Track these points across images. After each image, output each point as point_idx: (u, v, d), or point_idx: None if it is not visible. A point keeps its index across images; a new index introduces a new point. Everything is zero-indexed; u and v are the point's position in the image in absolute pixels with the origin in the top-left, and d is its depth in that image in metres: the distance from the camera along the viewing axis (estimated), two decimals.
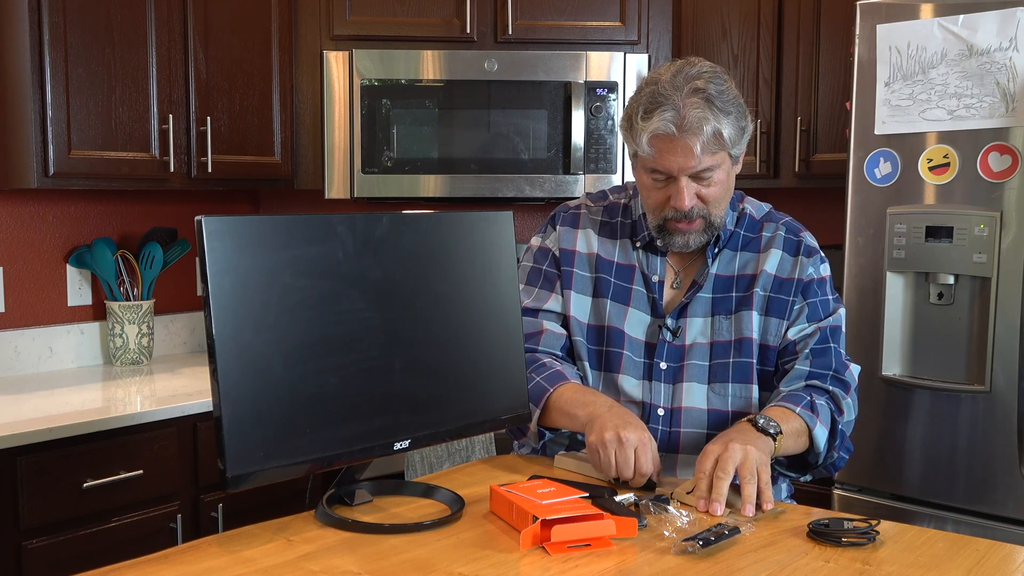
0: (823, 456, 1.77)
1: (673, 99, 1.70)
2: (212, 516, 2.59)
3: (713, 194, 1.77)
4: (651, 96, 1.73)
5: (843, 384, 1.83)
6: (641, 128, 1.72)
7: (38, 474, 2.26)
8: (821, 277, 1.87)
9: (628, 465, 1.63)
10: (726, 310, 1.84)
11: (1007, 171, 2.31)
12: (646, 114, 1.72)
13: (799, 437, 1.73)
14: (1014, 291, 2.31)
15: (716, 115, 1.70)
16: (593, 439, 1.67)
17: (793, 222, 1.92)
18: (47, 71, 2.58)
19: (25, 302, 2.96)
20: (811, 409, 1.74)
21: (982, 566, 1.38)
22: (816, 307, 1.85)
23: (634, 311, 1.87)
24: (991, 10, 2.30)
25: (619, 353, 1.85)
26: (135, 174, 2.79)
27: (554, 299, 1.91)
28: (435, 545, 1.42)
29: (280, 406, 1.40)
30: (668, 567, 1.35)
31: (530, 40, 3.20)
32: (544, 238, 1.98)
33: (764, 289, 1.84)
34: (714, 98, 1.70)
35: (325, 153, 3.15)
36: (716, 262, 1.86)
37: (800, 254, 1.86)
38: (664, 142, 1.72)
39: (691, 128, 1.69)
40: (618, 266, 1.90)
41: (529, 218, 3.66)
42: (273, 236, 1.41)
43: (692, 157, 1.71)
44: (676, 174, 1.74)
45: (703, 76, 1.72)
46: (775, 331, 1.83)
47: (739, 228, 1.89)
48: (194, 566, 1.34)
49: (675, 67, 1.75)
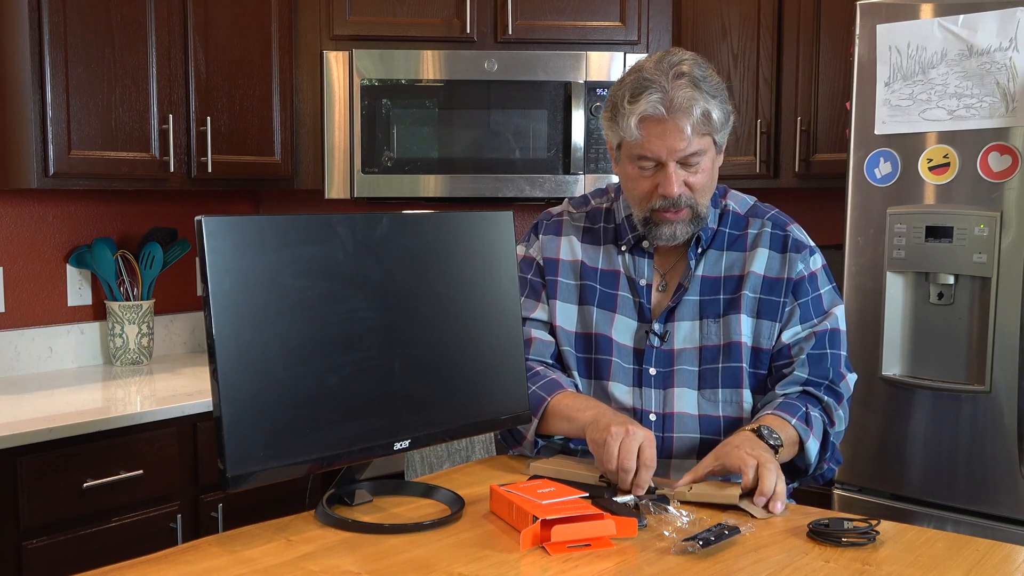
0: (813, 467, 1.77)
1: (660, 82, 1.69)
2: (212, 516, 2.59)
3: (700, 182, 1.76)
4: (636, 82, 1.72)
5: (836, 395, 1.81)
6: (628, 112, 1.71)
7: (38, 474, 2.26)
8: (812, 272, 1.83)
9: (631, 456, 1.59)
10: (714, 313, 1.81)
11: (1007, 171, 2.31)
12: (633, 98, 1.71)
13: (792, 447, 1.72)
14: (1014, 291, 2.31)
15: (704, 96, 1.70)
16: (599, 433, 1.64)
17: (779, 215, 1.88)
18: (47, 71, 2.58)
19: (25, 302, 2.96)
20: (806, 421, 1.74)
21: (982, 566, 1.38)
22: (808, 307, 1.82)
23: (621, 317, 1.84)
24: (991, 10, 2.30)
25: (608, 360, 1.83)
26: (135, 174, 2.79)
27: (540, 308, 1.90)
28: (435, 545, 1.42)
29: (280, 406, 1.40)
30: (668, 567, 1.35)
31: (530, 40, 3.20)
32: (528, 247, 1.95)
33: (754, 291, 1.81)
34: (699, 81, 1.70)
35: (325, 153, 3.15)
36: (701, 263, 1.84)
37: (788, 250, 1.82)
38: (653, 125, 1.70)
39: (680, 108, 1.68)
40: (603, 272, 1.88)
41: (529, 218, 3.66)
42: (273, 236, 1.41)
43: (682, 139, 1.70)
44: (665, 159, 1.72)
45: (685, 62, 1.72)
46: (768, 334, 1.80)
47: (723, 226, 1.86)
48: (194, 566, 1.34)
49: (656, 56, 1.75)
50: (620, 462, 1.59)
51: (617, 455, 1.59)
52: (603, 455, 1.62)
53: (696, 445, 1.79)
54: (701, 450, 1.78)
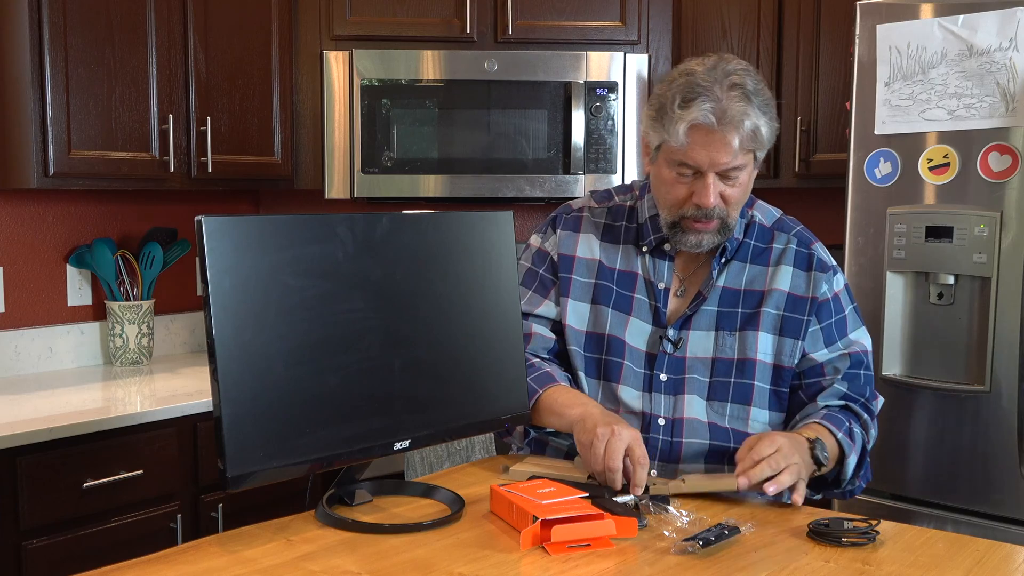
0: (847, 482, 1.75)
1: (713, 91, 1.64)
2: (212, 516, 2.59)
3: (735, 195, 1.72)
4: (687, 86, 1.66)
5: (870, 413, 1.81)
6: (678, 117, 1.65)
7: (38, 474, 2.26)
8: (835, 294, 1.82)
9: (615, 456, 1.58)
10: (731, 326, 1.79)
11: (1007, 171, 2.31)
12: (684, 103, 1.65)
13: (833, 463, 1.71)
14: (1014, 291, 2.31)
15: (756, 112, 1.65)
16: (585, 435, 1.64)
17: (805, 232, 1.86)
18: (47, 71, 2.58)
19: (25, 302, 2.96)
20: (849, 435, 1.72)
21: (982, 566, 1.38)
22: (831, 328, 1.80)
23: (635, 320, 1.82)
24: (991, 10, 2.30)
25: (619, 363, 1.81)
26: (135, 174, 2.79)
27: (546, 305, 1.88)
28: (435, 545, 1.42)
29: (280, 406, 1.40)
30: (668, 567, 1.35)
31: (530, 40, 3.20)
32: (544, 239, 1.93)
33: (777, 308, 1.79)
34: (752, 94, 1.66)
35: (325, 153, 3.15)
36: (723, 274, 1.81)
37: (813, 269, 1.80)
38: (702, 134, 1.65)
39: (731, 122, 1.64)
40: (620, 273, 1.85)
41: (529, 218, 3.66)
42: (273, 236, 1.41)
43: (728, 152, 1.66)
44: (706, 169, 1.68)
45: (740, 72, 1.67)
46: (789, 352, 1.78)
47: (748, 238, 1.83)
48: (194, 566, 1.34)
49: (709, 61, 1.69)
50: (606, 462, 1.59)
51: (603, 456, 1.59)
52: (589, 456, 1.63)
53: (705, 451, 1.77)
54: (710, 455, 1.77)
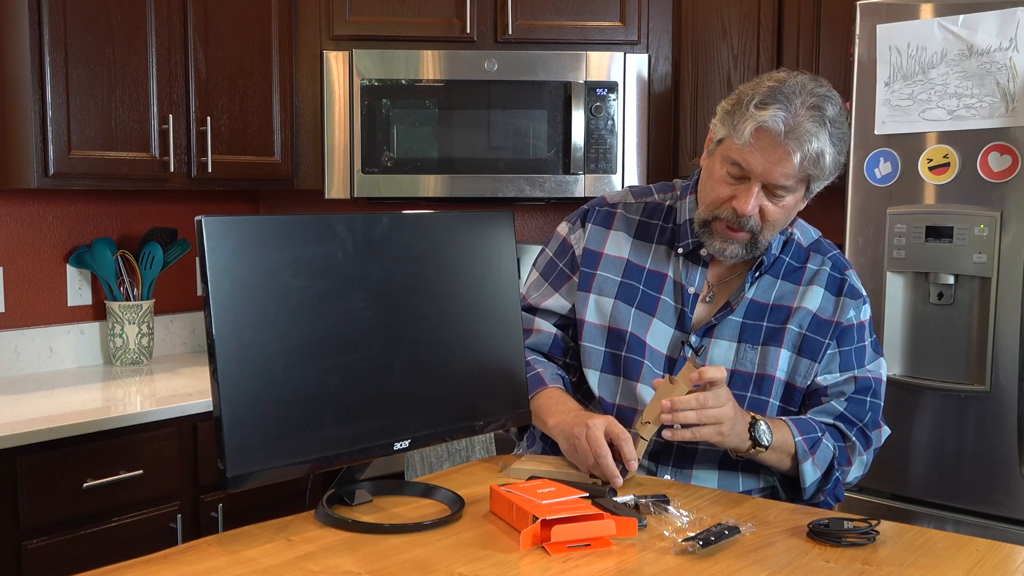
0: (807, 492, 1.75)
1: (793, 102, 1.62)
2: (212, 516, 2.59)
3: (774, 214, 1.70)
4: (772, 91, 1.64)
5: (866, 440, 1.80)
6: (750, 115, 1.63)
7: (38, 474, 2.26)
8: (860, 322, 1.81)
9: (597, 442, 1.60)
10: (754, 339, 1.78)
11: (1007, 171, 2.31)
12: (760, 104, 1.63)
13: (782, 457, 1.71)
14: (1014, 291, 2.31)
15: (825, 137, 1.64)
16: (566, 442, 1.68)
17: (840, 257, 1.85)
18: (47, 71, 2.58)
19: (25, 302, 2.96)
20: (812, 446, 1.71)
21: (982, 566, 1.38)
22: (850, 356, 1.79)
23: (658, 322, 1.81)
24: (991, 10, 2.30)
25: (639, 362, 1.79)
26: (135, 174, 2.79)
27: (556, 299, 1.88)
28: (435, 545, 1.42)
29: (280, 406, 1.40)
30: (668, 567, 1.35)
31: (530, 40, 3.20)
32: (571, 231, 1.91)
33: (800, 327, 1.78)
34: (829, 121, 1.64)
35: (325, 153, 3.15)
36: (755, 287, 1.80)
37: (843, 295, 1.80)
38: (765, 138, 1.64)
39: (799, 138, 1.62)
40: (649, 273, 1.83)
41: (529, 218, 3.66)
42: (273, 236, 1.41)
43: (785, 166, 1.64)
44: (756, 176, 1.67)
45: (824, 96, 1.65)
46: (805, 372, 1.77)
47: (784, 254, 1.82)
48: (194, 566, 1.34)
49: (803, 77, 1.67)
50: (593, 452, 1.62)
51: (588, 450, 1.62)
52: (577, 458, 1.67)
53: (718, 452, 1.76)
54: (723, 457, 1.77)
